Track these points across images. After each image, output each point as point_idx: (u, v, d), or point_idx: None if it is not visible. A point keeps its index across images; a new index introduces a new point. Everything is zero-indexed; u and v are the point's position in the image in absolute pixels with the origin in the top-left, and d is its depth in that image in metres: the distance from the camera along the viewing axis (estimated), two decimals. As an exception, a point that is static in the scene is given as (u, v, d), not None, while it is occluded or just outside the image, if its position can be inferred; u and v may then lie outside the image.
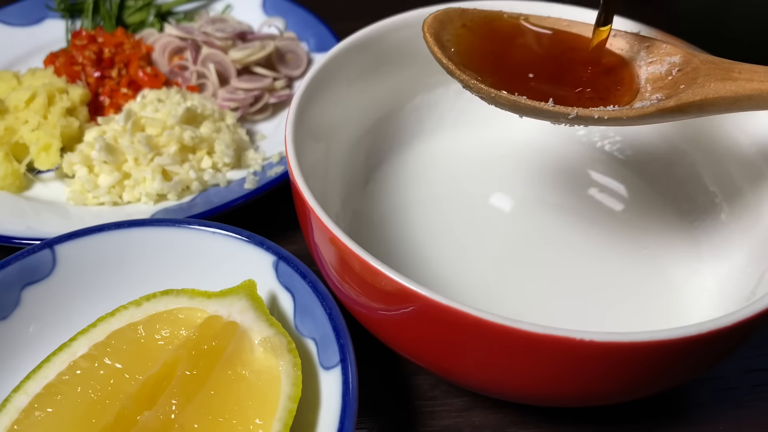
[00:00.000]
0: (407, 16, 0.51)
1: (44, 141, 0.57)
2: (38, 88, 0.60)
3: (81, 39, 0.68)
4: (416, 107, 0.55)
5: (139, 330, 0.39)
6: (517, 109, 0.36)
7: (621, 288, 0.45)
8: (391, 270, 0.32)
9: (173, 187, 0.55)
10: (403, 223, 0.50)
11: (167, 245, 0.43)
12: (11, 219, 0.52)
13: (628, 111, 0.35)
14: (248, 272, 0.41)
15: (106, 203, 0.56)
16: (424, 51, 0.52)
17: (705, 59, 0.36)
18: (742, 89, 0.33)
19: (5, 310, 0.40)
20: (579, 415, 0.42)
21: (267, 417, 0.34)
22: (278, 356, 0.36)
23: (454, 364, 0.35)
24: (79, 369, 0.37)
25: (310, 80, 0.45)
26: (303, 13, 0.75)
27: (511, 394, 0.37)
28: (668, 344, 0.29)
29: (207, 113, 0.61)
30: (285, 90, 0.68)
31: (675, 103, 0.34)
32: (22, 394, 0.36)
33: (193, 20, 0.76)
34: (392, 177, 0.53)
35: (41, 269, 0.41)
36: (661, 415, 0.42)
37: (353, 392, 0.34)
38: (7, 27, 0.75)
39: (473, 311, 0.30)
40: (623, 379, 0.32)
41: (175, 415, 0.34)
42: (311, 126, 0.45)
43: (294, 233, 0.55)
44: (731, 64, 0.35)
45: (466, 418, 0.42)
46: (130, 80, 0.65)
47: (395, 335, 0.37)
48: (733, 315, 0.30)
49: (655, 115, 0.35)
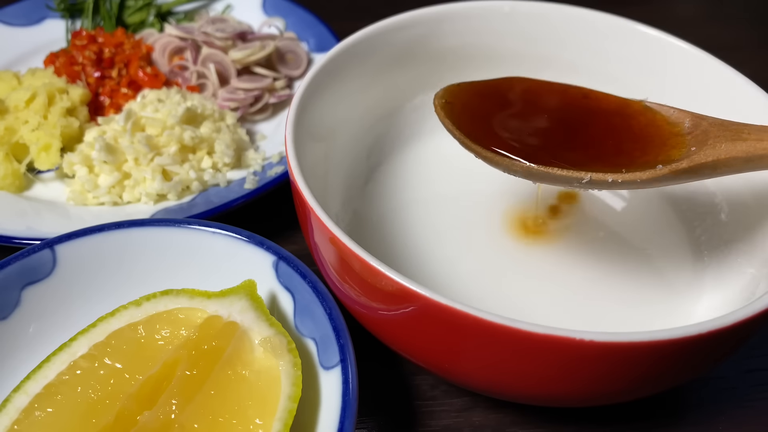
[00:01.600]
0: (407, 16, 0.51)
1: (44, 141, 0.57)
2: (38, 88, 0.60)
3: (81, 39, 0.68)
4: (416, 107, 0.55)
5: (139, 330, 0.39)
6: (531, 175, 0.37)
7: (621, 288, 0.45)
8: (391, 270, 0.32)
9: (173, 187, 0.55)
10: (403, 223, 0.50)
11: (167, 245, 0.43)
12: (11, 219, 0.52)
13: (641, 174, 0.35)
14: (248, 272, 0.41)
15: (106, 203, 0.56)
16: (424, 51, 0.52)
17: (713, 122, 0.36)
18: (753, 149, 0.34)
19: (5, 310, 0.40)
20: (579, 415, 0.42)
21: (267, 417, 0.34)
22: (278, 356, 0.36)
23: (454, 364, 0.35)
24: (79, 369, 0.37)
25: (310, 80, 0.45)
26: (303, 13, 0.75)
27: (511, 394, 0.37)
28: (668, 344, 0.29)
29: (207, 113, 0.61)
30: (285, 90, 0.68)
31: (687, 164, 0.35)
32: (22, 394, 0.36)
33: (193, 20, 0.76)
34: (392, 177, 0.53)
35: (41, 269, 0.41)
36: (660, 415, 0.42)
37: (353, 392, 0.34)
38: (7, 27, 0.75)
39: (473, 311, 0.30)
40: (623, 379, 0.32)
41: (175, 415, 0.34)
42: (311, 126, 0.45)
43: (294, 233, 0.55)
44: (740, 126, 0.35)
45: (466, 418, 0.42)
46: (130, 80, 0.65)
47: (395, 335, 0.37)
48: (733, 315, 0.30)
49: (668, 177, 0.35)
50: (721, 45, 0.54)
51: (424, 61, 0.53)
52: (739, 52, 0.59)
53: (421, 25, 0.51)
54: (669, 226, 0.49)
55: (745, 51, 0.76)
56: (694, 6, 0.91)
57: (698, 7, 0.91)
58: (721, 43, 0.57)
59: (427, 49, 0.52)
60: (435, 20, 0.51)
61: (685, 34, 0.49)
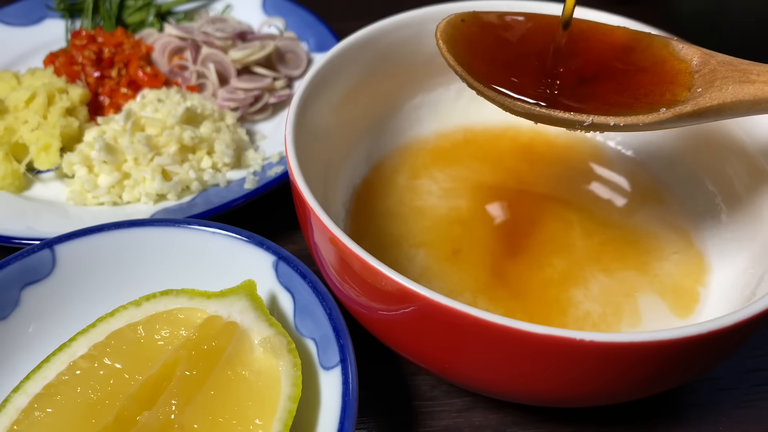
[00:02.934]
0: (407, 16, 0.50)
1: (44, 141, 0.57)
2: (38, 88, 0.60)
3: (81, 39, 0.68)
4: (416, 107, 0.55)
5: (139, 330, 0.38)
6: (532, 116, 0.36)
7: (621, 288, 0.45)
8: (391, 270, 0.32)
9: (173, 187, 0.55)
10: (403, 223, 0.50)
11: (167, 245, 0.43)
12: (11, 219, 0.52)
13: (644, 117, 0.34)
14: (248, 272, 0.41)
15: (105, 203, 0.56)
16: (424, 51, 0.52)
17: (722, 60, 0.35)
18: (761, 92, 0.32)
19: (5, 310, 0.40)
20: (579, 415, 0.42)
21: (267, 417, 0.34)
22: (278, 356, 0.36)
23: (454, 364, 0.35)
24: (78, 369, 0.37)
25: (310, 80, 0.45)
26: (303, 13, 0.75)
27: (511, 394, 0.37)
28: (668, 344, 0.29)
29: (207, 113, 0.61)
30: (285, 90, 0.68)
31: (692, 108, 0.34)
32: (21, 394, 0.36)
33: (193, 20, 0.76)
34: (392, 177, 0.53)
35: (41, 269, 0.41)
36: (660, 415, 0.42)
37: (353, 392, 0.34)
38: (6, 27, 0.75)
39: (473, 311, 0.30)
40: (623, 379, 0.32)
41: (174, 416, 0.34)
42: (311, 126, 0.44)
43: (294, 233, 0.55)
44: (750, 66, 0.34)
45: (466, 419, 0.42)
46: (129, 80, 0.65)
47: (395, 335, 0.37)
48: (733, 315, 0.30)
49: (671, 120, 0.34)
50: (721, 45, 0.54)
51: (424, 60, 0.53)
52: (739, 52, 0.59)
53: (420, 24, 0.51)
54: (670, 227, 0.49)
55: (746, 51, 0.76)
56: (695, 5, 0.91)
57: (698, 6, 0.91)
58: (721, 43, 0.57)
59: (426, 48, 0.52)
60: (435, 20, 0.51)
61: (685, 33, 0.49)
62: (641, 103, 0.35)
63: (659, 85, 0.36)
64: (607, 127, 0.35)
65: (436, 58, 0.53)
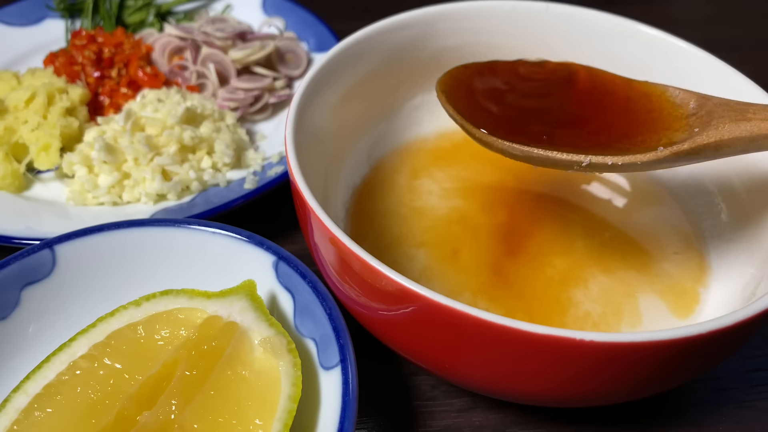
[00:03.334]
0: (407, 16, 0.51)
1: (44, 141, 0.57)
2: (38, 88, 0.60)
3: (81, 39, 0.68)
4: (416, 107, 0.55)
5: (139, 330, 0.38)
6: (531, 159, 0.37)
7: (621, 288, 0.45)
8: (391, 270, 0.32)
9: (173, 187, 0.55)
10: (403, 223, 0.50)
11: (167, 245, 0.43)
12: (11, 219, 0.52)
13: (641, 156, 0.35)
14: (248, 272, 0.41)
15: (105, 203, 0.56)
16: (424, 51, 0.52)
17: (719, 102, 0.36)
18: (758, 129, 0.33)
19: (5, 310, 0.40)
20: (579, 415, 0.42)
21: (267, 417, 0.34)
22: (278, 356, 0.36)
23: (454, 364, 0.35)
24: (78, 369, 0.37)
25: (310, 80, 0.45)
26: (303, 13, 0.75)
27: (511, 394, 0.37)
28: (668, 344, 0.29)
29: (207, 113, 0.61)
30: (285, 90, 0.68)
31: (689, 146, 0.34)
32: (21, 394, 0.36)
33: (193, 20, 0.76)
34: (392, 177, 0.53)
35: (41, 269, 0.41)
36: (660, 415, 0.42)
37: (353, 392, 0.34)
38: (6, 27, 0.75)
39: (473, 311, 0.30)
40: (623, 379, 0.32)
41: (174, 416, 0.34)
42: (311, 126, 0.44)
43: (294, 233, 0.55)
44: (746, 105, 0.35)
45: (466, 419, 0.42)
46: (129, 80, 0.65)
47: (395, 335, 0.37)
48: (733, 315, 0.30)
49: (669, 159, 0.35)
50: (721, 45, 0.54)
51: (424, 60, 0.53)
52: (739, 52, 0.59)
53: (420, 24, 0.51)
54: (670, 227, 0.49)
55: (745, 51, 0.77)
56: (694, 6, 0.91)
57: (698, 6, 0.91)
58: (721, 43, 0.57)
59: (426, 48, 0.52)
60: (435, 20, 0.51)
61: (685, 33, 0.49)
62: (639, 148, 0.36)
63: (656, 132, 0.37)
64: (605, 167, 0.35)
65: (436, 58, 0.53)
